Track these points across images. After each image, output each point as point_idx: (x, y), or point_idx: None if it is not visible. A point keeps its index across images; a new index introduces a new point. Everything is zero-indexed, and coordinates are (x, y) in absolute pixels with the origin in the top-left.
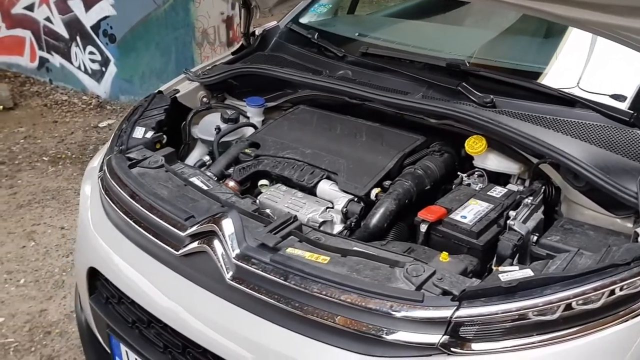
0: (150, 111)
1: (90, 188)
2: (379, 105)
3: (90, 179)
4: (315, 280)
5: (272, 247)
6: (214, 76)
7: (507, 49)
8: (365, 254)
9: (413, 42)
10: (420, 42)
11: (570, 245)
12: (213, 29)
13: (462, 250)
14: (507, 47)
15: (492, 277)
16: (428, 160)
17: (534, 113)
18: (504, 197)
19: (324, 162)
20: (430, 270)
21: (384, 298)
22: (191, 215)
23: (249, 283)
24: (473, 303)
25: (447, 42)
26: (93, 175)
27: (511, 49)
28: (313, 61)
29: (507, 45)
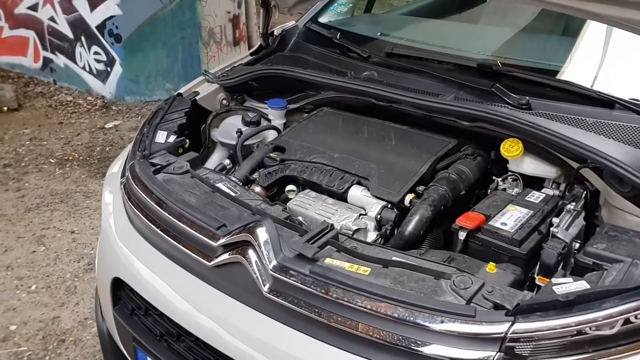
0: (171, 114)
1: (112, 195)
2: (406, 107)
3: (111, 185)
4: (358, 293)
5: (311, 258)
6: (234, 78)
7: (535, 48)
8: (407, 265)
9: (437, 41)
10: (445, 41)
11: (617, 253)
12: (219, 28)
13: (502, 259)
14: (534, 45)
15: (546, 290)
16: (462, 164)
17: (573, 115)
18: (542, 203)
19: (354, 166)
20: (479, 283)
21: (432, 312)
22: (223, 224)
23: (287, 296)
24: (529, 318)
25: (472, 41)
26: (114, 181)
27: (539, 47)
28: (336, 62)
29: (534, 43)
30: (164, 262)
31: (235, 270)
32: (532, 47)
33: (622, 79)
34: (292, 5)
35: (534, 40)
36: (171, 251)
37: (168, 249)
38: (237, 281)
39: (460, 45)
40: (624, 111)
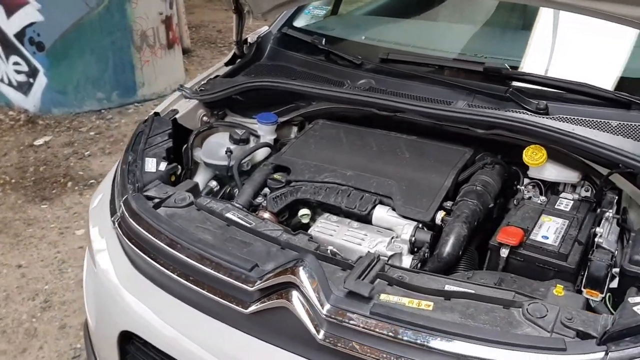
0: (154, 137)
1: (102, 236)
2: (413, 116)
3: (99, 224)
4: (431, 333)
5: (368, 297)
6: (217, 92)
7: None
8: (471, 295)
9: (430, 44)
10: (438, 44)
11: None
12: (152, 30)
13: (548, 274)
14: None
15: (627, 312)
16: (484, 174)
17: (594, 118)
18: (574, 211)
19: (372, 184)
20: (555, 309)
21: (517, 348)
22: (255, 264)
23: (346, 341)
24: (619, 345)
25: (466, 43)
26: (100, 219)
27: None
28: (327, 70)
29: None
30: (185, 311)
31: (278, 315)
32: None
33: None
34: (267, 10)
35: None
36: (193, 298)
37: (189, 295)
38: (282, 328)
39: (454, 47)
40: None
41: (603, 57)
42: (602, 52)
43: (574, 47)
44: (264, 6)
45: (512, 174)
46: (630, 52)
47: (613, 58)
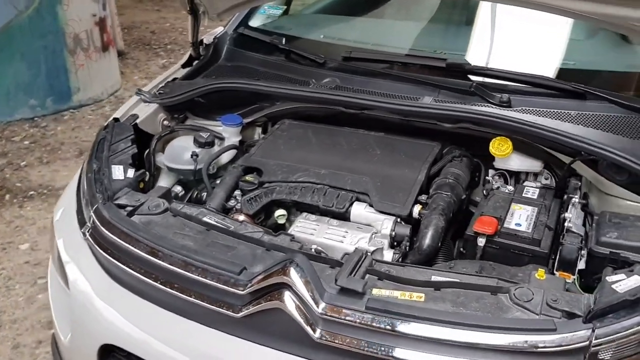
0: (117, 144)
1: (68, 247)
2: (380, 113)
3: (64, 236)
4: (428, 324)
5: (361, 292)
6: (179, 95)
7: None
8: (460, 284)
9: (387, 42)
10: (396, 41)
11: (630, 240)
12: (85, 33)
13: (523, 260)
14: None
15: (606, 290)
16: (453, 167)
17: (554, 109)
18: (541, 198)
19: (347, 182)
20: (540, 293)
21: (512, 332)
22: (243, 267)
23: (343, 338)
24: (604, 322)
25: (422, 40)
26: (65, 230)
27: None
28: (289, 70)
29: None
30: (170, 319)
31: (271, 317)
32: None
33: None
34: (222, 10)
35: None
36: (179, 305)
37: (174, 303)
38: (275, 330)
39: (410, 43)
40: (598, 101)
41: (544, 46)
42: (542, 42)
43: (519, 38)
44: (220, 6)
45: (476, 166)
46: (567, 43)
47: (552, 48)
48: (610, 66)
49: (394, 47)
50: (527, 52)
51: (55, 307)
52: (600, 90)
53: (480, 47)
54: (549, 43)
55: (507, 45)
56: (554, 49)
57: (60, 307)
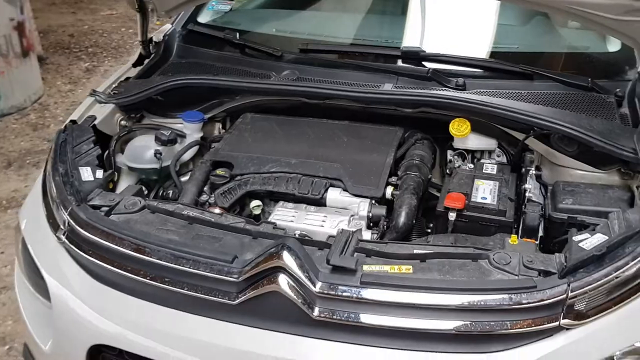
0: (80, 146)
1: (40, 254)
2: (342, 102)
3: (36, 244)
4: (421, 293)
5: (354, 269)
6: (138, 94)
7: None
8: (443, 254)
9: (342, 33)
10: (348, 32)
11: (584, 205)
12: (4, 38)
13: (490, 230)
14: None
15: (574, 248)
16: (418, 149)
17: (507, 90)
18: (500, 173)
19: (319, 170)
20: (516, 256)
21: (497, 292)
22: (235, 256)
23: (341, 313)
24: (576, 276)
25: (372, 30)
26: (36, 236)
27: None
28: (247, 64)
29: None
30: (165, 313)
31: (266, 301)
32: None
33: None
34: (171, 8)
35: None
36: (171, 299)
37: (166, 297)
38: (272, 312)
39: (359, 34)
40: (544, 80)
41: (476, 31)
42: (474, 27)
43: (455, 23)
44: (169, 3)
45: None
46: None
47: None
48: (550, 48)
49: (345, 39)
50: (461, 36)
51: (28, 317)
52: (546, 70)
53: (419, 34)
54: (479, 28)
55: (444, 31)
56: (484, 33)
57: (34, 316)
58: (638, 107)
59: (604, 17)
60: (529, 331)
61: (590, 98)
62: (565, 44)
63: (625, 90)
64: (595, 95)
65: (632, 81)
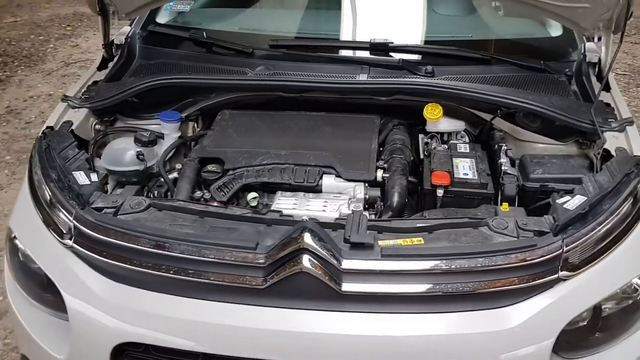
0: (65, 152)
1: (46, 263)
2: (319, 94)
3: (44, 250)
4: (436, 260)
5: (372, 244)
6: (113, 96)
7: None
8: (447, 225)
9: (306, 29)
10: (313, 27)
11: (552, 173)
12: None
13: (473, 203)
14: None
15: (560, 209)
16: (397, 134)
17: (470, 75)
18: (473, 151)
19: (310, 159)
20: (512, 220)
21: (503, 253)
22: (257, 242)
23: (367, 285)
24: (567, 233)
25: (334, 24)
26: (38, 245)
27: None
28: (218, 62)
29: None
30: (191, 304)
31: (292, 282)
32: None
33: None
34: (133, 10)
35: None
36: (196, 290)
37: (190, 288)
38: (299, 292)
39: (329, 30)
40: (502, 65)
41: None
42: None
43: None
44: (130, 5)
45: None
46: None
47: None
48: (499, 35)
49: (311, 33)
50: (416, 27)
51: (32, 329)
52: (504, 55)
53: (379, 27)
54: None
55: (395, 22)
56: (437, 24)
57: (38, 327)
58: (586, 85)
59: (553, 5)
60: (534, 285)
61: (544, 78)
62: (512, 31)
63: (572, 70)
64: (549, 75)
65: (577, 62)
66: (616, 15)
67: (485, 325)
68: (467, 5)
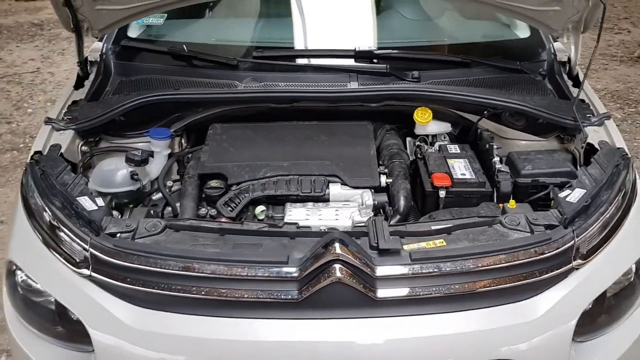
0: (61, 177)
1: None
2: (308, 104)
3: (61, 284)
4: (463, 260)
5: (399, 250)
6: (100, 116)
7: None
8: (463, 225)
9: (285, 38)
10: (293, 36)
11: (541, 168)
12: None
13: (472, 201)
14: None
15: (564, 203)
16: (391, 139)
17: (452, 78)
18: (464, 151)
19: (313, 169)
20: (522, 217)
21: (523, 249)
22: (287, 257)
23: (400, 290)
24: (576, 224)
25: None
26: (49, 277)
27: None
28: (202, 75)
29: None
30: (226, 323)
31: (326, 292)
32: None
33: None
34: (107, 26)
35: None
36: (229, 308)
37: (223, 308)
38: (333, 302)
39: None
40: (480, 67)
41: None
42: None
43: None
44: (104, 21)
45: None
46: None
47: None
48: (472, 39)
49: (289, 42)
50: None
51: None
52: (484, 58)
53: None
54: (406, 25)
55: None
56: (409, 29)
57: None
58: (561, 83)
59: (524, 8)
60: (552, 275)
61: (522, 79)
62: (480, 34)
63: (545, 69)
64: (526, 76)
65: (549, 61)
66: (585, 17)
67: (515, 317)
68: (434, 9)
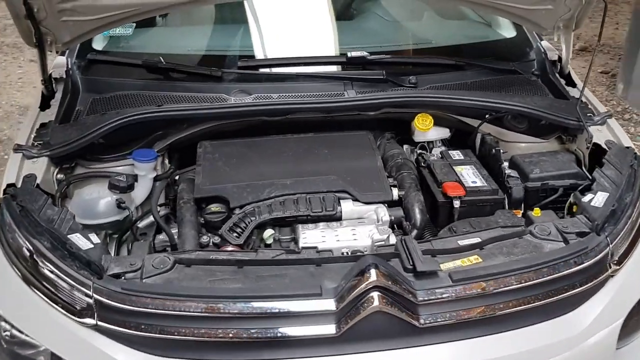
0: (44, 213)
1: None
2: (302, 115)
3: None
4: (505, 277)
5: (438, 271)
6: (78, 140)
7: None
8: (493, 239)
9: (270, 45)
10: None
11: (549, 171)
12: None
13: (485, 209)
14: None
15: (590, 208)
16: (393, 148)
17: (448, 82)
18: (468, 157)
19: (320, 185)
20: (552, 225)
21: (562, 260)
22: (320, 287)
23: (444, 315)
24: (607, 230)
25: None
26: (45, 333)
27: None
28: (187, 89)
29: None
30: None
31: (365, 323)
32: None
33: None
34: (71, 39)
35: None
36: (262, 349)
37: (253, 350)
38: (374, 332)
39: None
40: (474, 69)
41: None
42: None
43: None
44: (70, 34)
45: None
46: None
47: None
48: (460, 40)
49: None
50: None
51: None
52: (478, 60)
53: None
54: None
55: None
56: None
57: None
58: (556, 83)
59: (515, 7)
60: (592, 284)
61: (517, 79)
62: (464, 35)
63: (537, 69)
64: (520, 76)
65: (540, 61)
66: (577, 15)
67: (563, 332)
68: (412, 10)
